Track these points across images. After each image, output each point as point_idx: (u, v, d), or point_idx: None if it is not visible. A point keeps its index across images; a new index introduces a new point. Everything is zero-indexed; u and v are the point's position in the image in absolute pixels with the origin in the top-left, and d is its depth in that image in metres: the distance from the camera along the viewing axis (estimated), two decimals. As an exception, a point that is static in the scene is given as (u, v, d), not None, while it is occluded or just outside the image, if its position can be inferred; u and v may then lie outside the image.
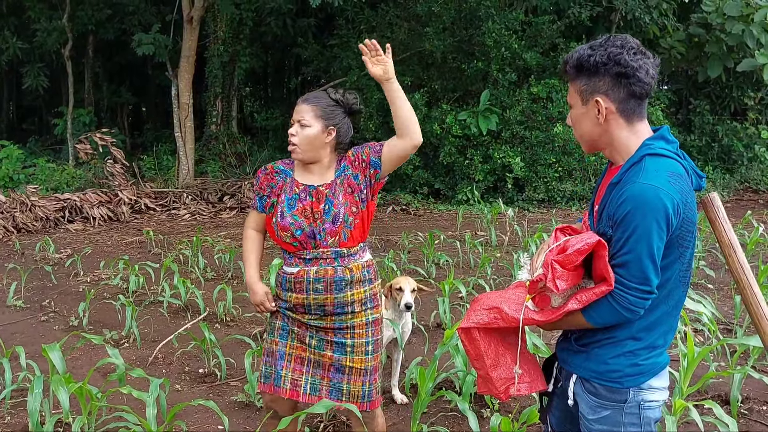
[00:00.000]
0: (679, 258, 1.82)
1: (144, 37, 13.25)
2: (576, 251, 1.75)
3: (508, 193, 11.69)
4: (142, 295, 6.19)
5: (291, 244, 2.65)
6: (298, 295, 2.64)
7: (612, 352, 1.86)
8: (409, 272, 6.69)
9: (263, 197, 2.77)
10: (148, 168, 13.59)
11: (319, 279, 2.62)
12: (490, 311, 1.94)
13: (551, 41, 12.53)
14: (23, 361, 3.89)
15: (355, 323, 2.69)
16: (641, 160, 1.79)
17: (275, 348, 2.75)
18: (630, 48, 1.81)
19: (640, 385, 1.85)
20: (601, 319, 1.81)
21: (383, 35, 13.28)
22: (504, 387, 1.98)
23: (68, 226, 9.85)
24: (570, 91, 1.92)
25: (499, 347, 1.98)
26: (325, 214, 2.62)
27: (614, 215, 1.78)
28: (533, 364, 2.06)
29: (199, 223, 10.31)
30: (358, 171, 2.70)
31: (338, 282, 2.62)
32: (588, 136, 1.91)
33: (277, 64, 19.65)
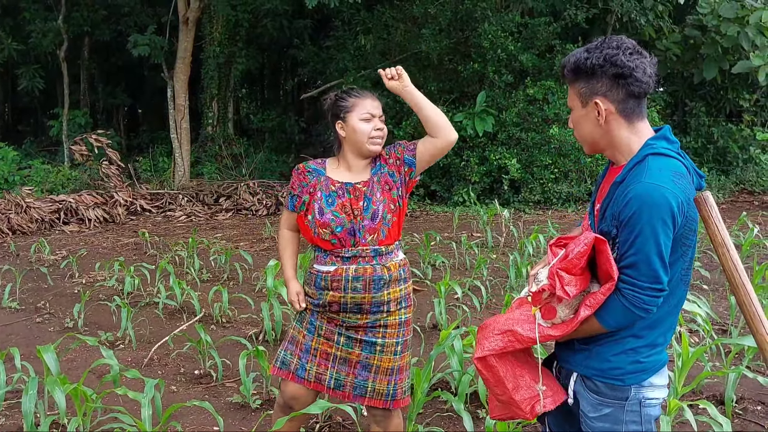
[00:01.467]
0: (682, 257, 1.84)
1: (140, 39, 13.25)
2: (577, 254, 1.76)
3: (505, 195, 11.70)
4: (138, 296, 6.18)
5: (329, 241, 2.64)
6: (335, 293, 2.63)
7: (613, 349, 1.88)
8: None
9: (294, 196, 2.77)
10: (144, 169, 13.57)
11: (358, 277, 2.61)
12: (504, 335, 1.93)
13: (547, 43, 12.55)
14: (18, 362, 3.87)
15: (389, 322, 2.68)
16: (644, 159, 1.81)
17: (302, 340, 2.76)
18: (626, 48, 1.82)
19: (642, 383, 1.87)
20: (615, 322, 1.83)
21: (379, 37, 13.30)
22: (530, 407, 1.96)
23: (63, 227, 9.84)
24: (569, 94, 1.93)
25: (516, 369, 1.98)
26: (364, 211, 2.62)
27: (620, 215, 1.79)
28: (550, 376, 2.06)
29: (195, 225, 10.30)
30: (393, 169, 2.71)
31: (377, 281, 2.62)
32: (589, 137, 1.92)
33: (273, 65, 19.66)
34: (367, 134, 2.66)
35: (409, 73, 10.95)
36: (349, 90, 2.77)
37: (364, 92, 2.78)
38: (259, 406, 3.91)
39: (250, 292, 6.22)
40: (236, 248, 8.00)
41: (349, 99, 2.73)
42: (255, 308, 5.56)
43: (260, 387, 4.11)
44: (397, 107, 12.41)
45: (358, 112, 2.68)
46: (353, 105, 2.70)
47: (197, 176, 13.34)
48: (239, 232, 9.76)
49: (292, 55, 15.99)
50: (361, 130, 2.66)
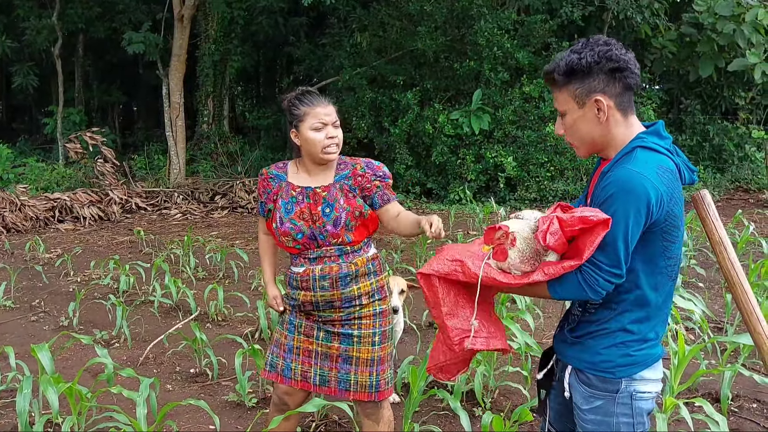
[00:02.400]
0: (663, 252, 1.84)
1: (134, 36, 13.19)
2: (581, 217, 1.74)
3: (500, 193, 11.70)
4: (133, 295, 6.16)
5: (294, 247, 2.70)
6: (306, 293, 2.68)
7: (604, 342, 1.90)
8: (401, 272, 6.69)
9: (262, 203, 2.81)
10: (139, 167, 13.53)
11: (325, 276, 2.65)
12: (453, 263, 1.93)
13: (543, 41, 12.55)
14: (12, 361, 3.86)
15: (363, 314, 2.72)
16: (632, 151, 1.83)
17: (284, 341, 2.81)
18: (614, 44, 1.87)
19: (633, 376, 1.88)
20: (563, 293, 1.85)
21: (375, 34, 13.28)
22: (459, 339, 1.96)
23: (58, 225, 9.80)
24: (560, 99, 1.93)
25: (459, 298, 1.97)
26: (325, 217, 2.64)
27: (598, 198, 1.82)
28: (496, 323, 2.07)
29: (190, 223, 10.27)
30: (357, 185, 2.70)
31: (343, 278, 2.66)
32: (588, 137, 1.92)
33: (268, 63, 19.59)
34: (320, 144, 2.64)
35: (404, 71, 11.05)
36: (300, 97, 2.70)
37: (316, 99, 2.70)
38: (254, 404, 3.91)
39: (245, 290, 6.21)
40: (232, 246, 7.98)
41: (300, 107, 2.67)
42: (251, 306, 5.55)
43: (256, 386, 4.10)
44: (393, 105, 12.39)
45: (309, 121, 2.64)
46: (305, 114, 2.65)
47: (193, 174, 13.30)
48: (235, 230, 9.74)
49: (287, 52, 15.94)
50: (314, 141, 2.63)
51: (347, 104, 12.75)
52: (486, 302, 2.05)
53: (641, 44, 13.71)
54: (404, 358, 4.06)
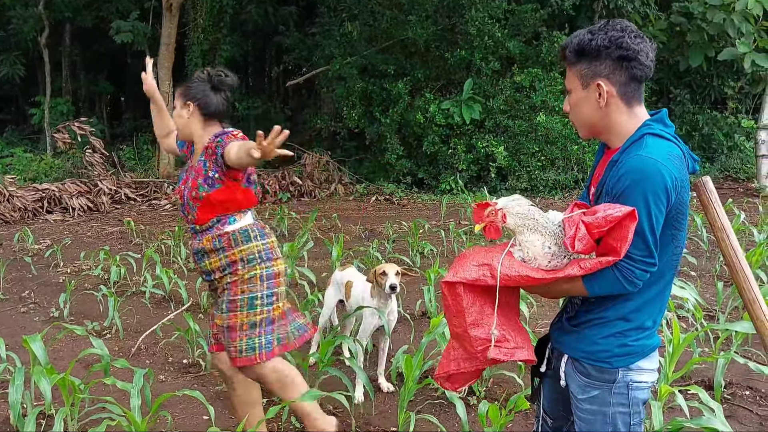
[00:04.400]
0: (672, 240, 1.84)
1: (122, 25, 13.08)
2: (608, 217, 1.71)
3: (492, 183, 11.71)
4: (124, 285, 6.12)
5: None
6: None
7: (602, 332, 1.89)
8: (394, 261, 6.68)
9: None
10: (128, 158, 13.43)
11: (193, 250, 3.04)
12: (480, 267, 1.87)
13: (534, 30, 12.53)
14: (3, 352, 3.82)
15: (218, 286, 2.99)
16: (641, 138, 1.81)
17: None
18: (630, 31, 1.82)
19: (629, 366, 1.87)
20: (600, 289, 1.82)
21: (366, 23, 13.21)
22: (482, 348, 1.90)
23: (47, 216, 9.72)
24: (568, 76, 1.92)
25: (485, 307, 1.91)
26: (183, 194, 2.98)
27: (613, 189, 1.79)
28: (522, 332, 2.01)
29: (180, 213, 10.21)
30: (207, 158, 2.86)
31: (198, 253, 2.99)
32: (588, 120, 1.91)
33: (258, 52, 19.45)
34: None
35: (395, 60, 11.04)
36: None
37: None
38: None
39: (237, 280, 6.16)
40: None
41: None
42: (243, 297, 5.51)
43: (250, 376, 4.08)
44: (384, 94, 12.35)
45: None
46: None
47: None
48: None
49: (277, 42, 15.84)
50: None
51: (338, 94, 12.70)
52: (512, 311, 2.02)
53: (632, 33, 13.72)
54: (398, 348, 4.05)
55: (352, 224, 9.10)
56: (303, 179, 11.80)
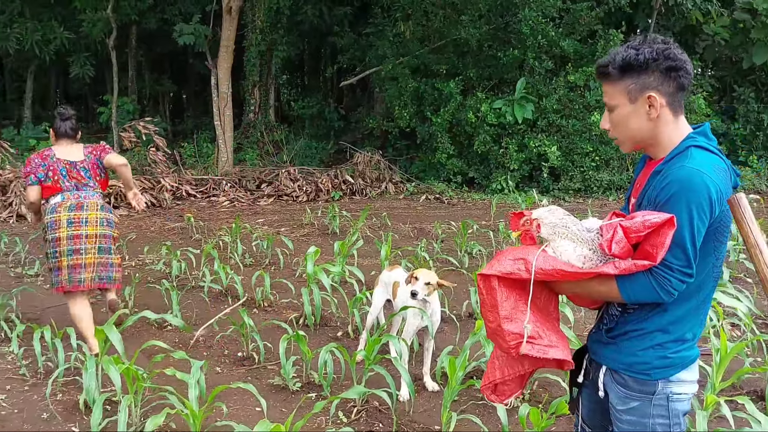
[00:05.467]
0: (714, 251, 1.85)
1: (185, 28, 13.52)
2: (644, 222, 1.73)
3: (544, 183, 11.64)
4: (184, 279, 6.38)
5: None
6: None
7: (641, 344, 1.90)
8: (441, 262, 6.77)
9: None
10: (188, 155, 13.87)
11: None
12: (516, 261, 1.90)
13: (589, 28, 12.37)
14: (74, 341, 4.09)
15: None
16: (686, 150, 1.83)
17: None
18: (673, 44, 1.88)
19: (669, 378, 1.88)
20: (634, 295, 1.82)
21: (418, 23, 13.28)
22: (515, 343, 1.91)
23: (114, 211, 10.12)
24: (611, 93, 1.92)
25: (519, 302, 1.93)
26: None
27: (656, 198, 1.80)
28: (558, 333, 2.01)
29: (237, 210, 10.53)
30: (95, 157, 4.67)
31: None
32: (637, 133, 1.92)
33: (313, 52, 19.79)
34: None
35: (447, 59, 11.14)
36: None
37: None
38: (298, 389, 4.05)
39: (290, 276, 6.38)
40: (277, 234, 8.17)
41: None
42: (296, 293, 5.70)
43: (300, 370, 4.25)
44: (435, 94, 12.41)
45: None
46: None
47: (240, 162, 13.59)
48: (280, 217, 9.96)
49: (332, 42, 16.09)
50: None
51: (390, 94, 12.82)
52: (551, 312, 2.04)
53: (692, 31, 13.38)
54: (443, 348, 4.13)
55: (402, 223, 9.22)
56: (355, 178, 11.97)
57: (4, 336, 4.73)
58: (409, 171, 13.06)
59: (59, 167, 4.50)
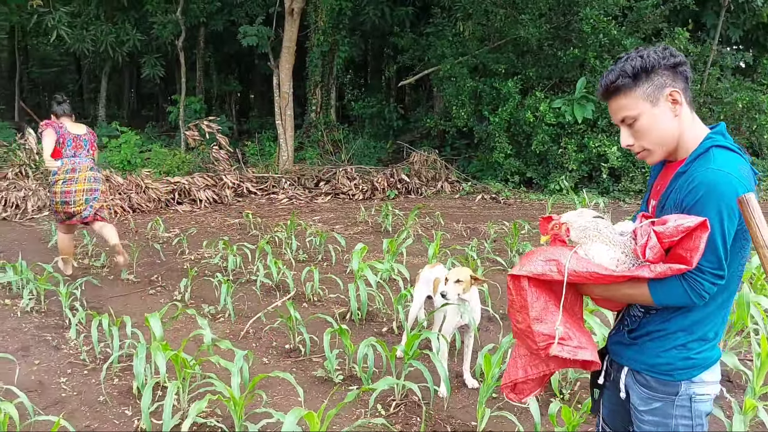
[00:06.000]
0: (741, 250, 1.85)
1: (248, 29, 13.91)
2: (677, 227, 1.73)
3: (604, 183, 11.42)
4: (239, 273, 6.62)
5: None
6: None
7: (664, 345, 1.91)
8: (491, 261, 6.78)
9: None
10: (251, 153, 14.27)
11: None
12: (547, 262, 1.89)
13: (654, 26, 12.05)
14: (129, 329, 4.34)
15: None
16: (707, 150, 1.84)
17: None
18: (663, 45, 1.94)
19: (692, 379, 1.89)
20: (666, 298, 1.83)
21: (479, 23, 13.25)
22: (545, 344, 1.91)
23: (177, 207, 10.58)
24: (628, 105, 1.92)
25: (549, 303, 1.93)
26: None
27: (683, 202, 1.81)
28: (586, 334, 2.02)
29: (295, 207, 10.78)
30: (93, 136, 6.46)
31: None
32: (669, 134, 1.92)
33: (376, 52, 19.97)
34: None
35: (507, 59, 11.19)
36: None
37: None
38: (341, 381, 4.16)
39: (341, 273, 6.52)
40: (331, 231, 8.34)
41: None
42: (344, 289, 5.84)
43: (343, 363, 4.37)
44: (494, 93, 12.36)
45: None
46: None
47: (300, 161, 13.88)
48: (336, 215, 10.14)
49: (393, 42, 16.22)
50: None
51: (448, 93, 12.84)
52: (576, 313, 2.05)
53: (763, 28, 12.84)
54: (484, 346, 4.17)
55: (455, 222, 9.25)
56: (411, 177, 12.05)
57: (69, 323, 5.04)
58: (467, 170, 13.05)
59: (68, 138, 6.16)
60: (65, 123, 6.24)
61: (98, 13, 16.21)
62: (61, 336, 4.91)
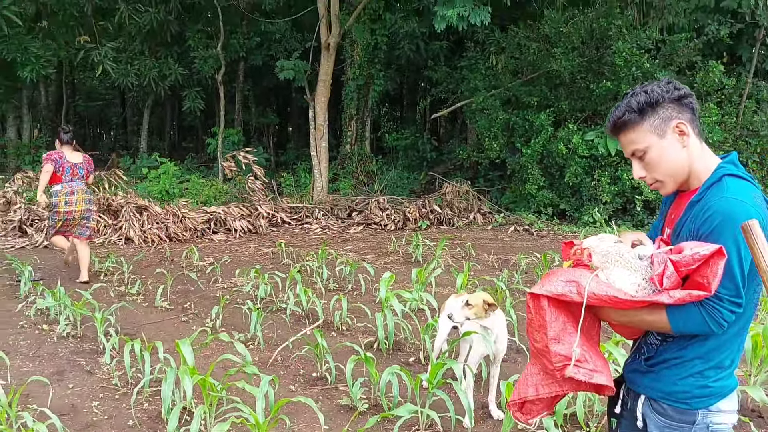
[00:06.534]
0: (755, 278, 1.86)
1: (286, 64, 14.27)
2: (692, 255, 1.74)
3: (638, 216, 11.29)
4: (270, 301, 6.71)
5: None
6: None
7: (680, 372, 1.91)
8: (520, 293, 6.75)
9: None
10: (287, 184, 14.50)
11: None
12: (567, 283, 1.90)
13: (688, 59, 11.99)
14: (161, 355, 4.45)
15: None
16: (721, 179, 1.87)
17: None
18: (668, 79, 1.99)
19: (709, 407, 1.88)
20: (684, 326, 1.83)
21: (512, 56, 13.36)
22: (561, 365, 1.92)
23: (213, 236, 10.78)
24: (637, 139, 1.97)
25: (567, 324, 1.94)
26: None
27: (698, 230, 1.83)
28: (601, 358, 2.02)
29: (328, 237, 10.90)
30: (88, 163, 7.57)
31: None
32: (679, 165, 1.96)
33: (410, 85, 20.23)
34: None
35: (539, 91, 11.35)
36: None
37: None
38: (366, 409, 4.18)
39: (370, 302, 6.56)
40: (362, 260, 8.41)
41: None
42: (372, 318, 5.88)
43: (368, 392, 4.40)
44: (526, 125, 12.39)
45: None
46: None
47: (334, 192, 14.05)
48: (367, 245, 10.22)
49: (426, 75, 16.43)
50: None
51: (481, 125, 12.92)
52: (593, 336, 2.05)
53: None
54: (511, 377, 4.16)
55: (486, 253, 9.23)
56: (443, 208, 12.09)
57: (103, 348, 5.18)
58: (500, 202, 13.05)
59: (66, 166, 7.25)
60: (65, 151, 7.32)
61: (142, 48, 16.80)
62: (94, 361, 5.05)
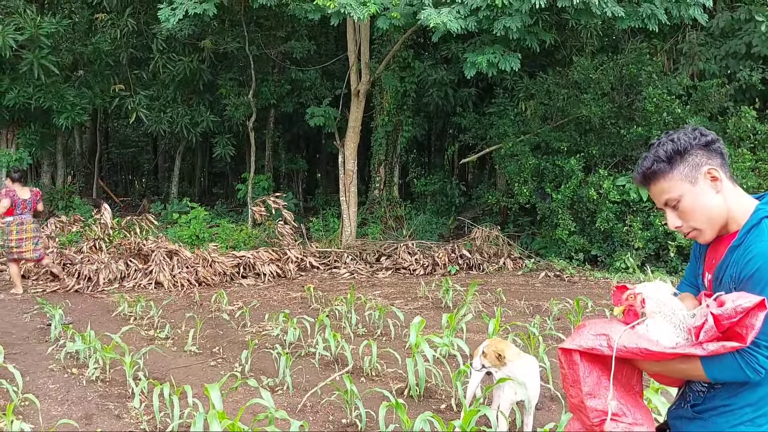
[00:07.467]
0: None
1: (316, 110, 14.53)
2: (735, 308, 1.72)
3: (672, 262, 11.07)
4: (298, 346, 6.67)
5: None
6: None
7: (731, 421, 1.85)
8: (554, 339, 6.62)
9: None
10: (315, 229, 14.59)
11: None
12: (598, 337, 1.89)
13: (720, 105, 11.91)
14: (190, 399, 4.42)
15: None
16: (760, 222, 1.84)
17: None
18: (694, 126, 1.99)
19: None
20: (720, 374, 1.81)
21: (541, 102, 13.43)
22: (598, 420, 1.90)
23: (242, 281, 10.83)
24: (669, 188, 1.95)
25: (602, 378, 1.91)
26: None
27: (740, 274, 1.81)
28: (643, 410, 1.98)
29: (356, 282, 10.86)
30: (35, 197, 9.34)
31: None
32: (715, 211, 1.93)
33: (439, 131, 20.41)
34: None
35: (569, 137, 11.41)
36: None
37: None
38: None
39: (399, 347, 6.48)
40: (391, 305, 8.34)
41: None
42: (402, 363, 5.79)
43: (399, 439, 4.30)
44: (556, 171, 12.35)
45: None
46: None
47: (362, 236, 14.09)
48: (396, 290, 10.16)
49: (455, 122, 16.58)
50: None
51: (510, 170, 12.91)
52: (632, 387, 2.01)
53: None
54: (545, 425, 4.05)
55: (517, 299, 9.11)
56: (472, 252, 12.01)
57: (131, 392, 5.16)
58: (530, 247, 12.94)
59: (18, 201, 8.95)
60: (17, 188, 9.06)
61: (175, 96, 17.25)
62: (123, 405, 5.03)
